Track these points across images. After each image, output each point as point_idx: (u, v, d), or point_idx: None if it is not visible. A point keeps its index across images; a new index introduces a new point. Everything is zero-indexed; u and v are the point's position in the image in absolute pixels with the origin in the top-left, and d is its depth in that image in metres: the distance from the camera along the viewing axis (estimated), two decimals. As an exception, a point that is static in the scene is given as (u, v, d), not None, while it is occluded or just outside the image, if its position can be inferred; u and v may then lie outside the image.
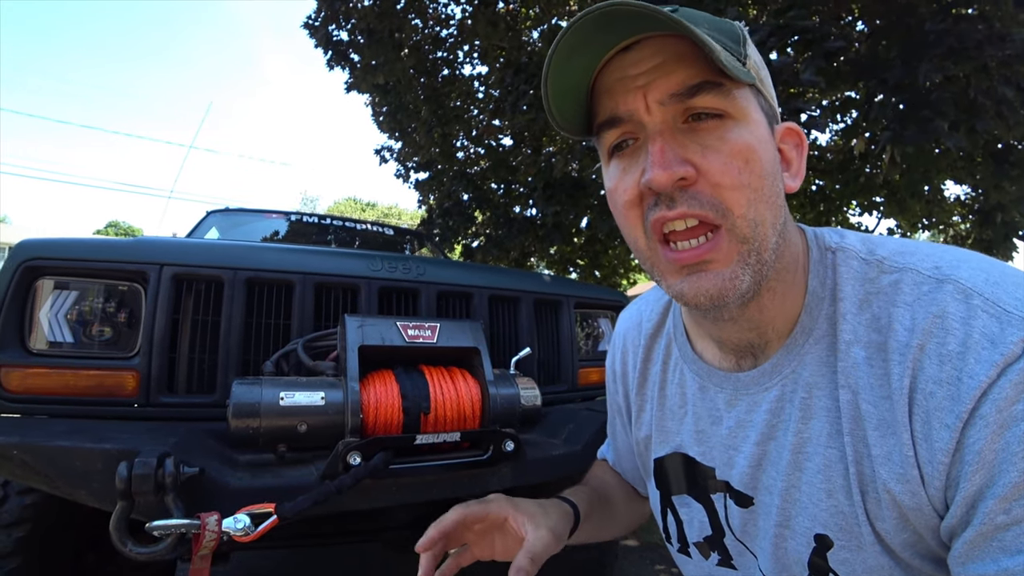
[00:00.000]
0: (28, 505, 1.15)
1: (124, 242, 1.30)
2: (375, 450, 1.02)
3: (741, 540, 0.59)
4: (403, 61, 5.41)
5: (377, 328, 1.15)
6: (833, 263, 0.53)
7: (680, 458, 0.64)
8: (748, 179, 0.46)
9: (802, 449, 0.51)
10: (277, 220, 3.27)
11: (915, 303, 0.45)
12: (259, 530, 0.89)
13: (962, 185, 5.34)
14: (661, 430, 0.67)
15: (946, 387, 0.41)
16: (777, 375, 0.53)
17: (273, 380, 1.08)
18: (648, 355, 0.70)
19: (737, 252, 0.47)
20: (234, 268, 1.29)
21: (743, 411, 0.56)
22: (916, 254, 0.49)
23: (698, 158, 0.46)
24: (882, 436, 0.45)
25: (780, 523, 0.53)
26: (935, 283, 0.45)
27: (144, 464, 0.86)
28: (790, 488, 0.52)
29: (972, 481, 0.39)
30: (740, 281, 0.47)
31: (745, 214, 0.46)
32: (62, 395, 1.15)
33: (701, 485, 0.62)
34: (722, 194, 0.46)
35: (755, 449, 0.55)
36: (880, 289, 0.49)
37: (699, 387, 0.62)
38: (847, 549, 0.48)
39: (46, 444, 0.92)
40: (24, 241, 1.21)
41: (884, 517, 0.46)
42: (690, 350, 0.64)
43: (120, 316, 1.25)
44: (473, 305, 1.51)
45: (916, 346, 0.44)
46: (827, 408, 0.50)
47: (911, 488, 0.43)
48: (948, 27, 2.47)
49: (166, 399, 1.21)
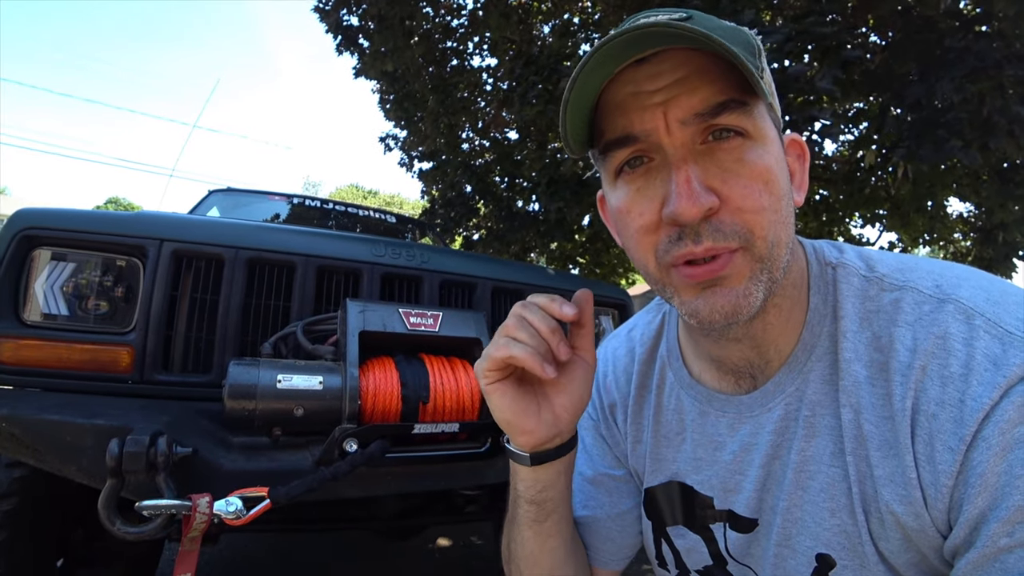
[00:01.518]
0: (16, 479, 1.13)
1: (124, 215, 1.27)
2: (372, 438, 1.00)
3: (743, 563, 0.58)
4: (412, 49, 5.37)
5: (379, 314, 1.13)
6: (834, 279, 0.52)
7: (677, 487, 0.62)
8: (769, 201, 0.45)
9: (805, 468, 0.51)
10: (279, 202, 3.24)
11: (916, 323, 0.45)
12: (251, 514, 0.88)
13: (966, 202, 5.35)
14: (655, 458, 0.65)
15: (949, 409, 0.41)
16: (780, 394, 0.52)
17: (271, 362, 1.06)
18: (643, 381, 0.67)
19: (751, 269, 0.46)
20: (236, 247, 1.27)
21: (747, 434, 0.55)
22: (916, 271, 0.48)
23: (719, 184, 0.44)
24: (884, 457, 0.45)
25: (780, 542, 0.53)
26: (936, 303, 0.45)
27: (136, 442, 0.84)
28: (791, 507, 0.51)
29: (975, 504, 0.39)
30: (754, 298, 0.46)
31: (765, 236, 0.45)
32: (55, 368, 1.13)
33: (699, 515, 0.60)
34: (744, 218, 0.45)
35: (760, 471, 0.54)
36: (881, 308, 0.48)
37: (699, 412, 0.60)
38: (850, 569, 0.48)
39: (35, 417, 0.91)
40: (22, 210, 1.19)
41: (888, 537, 0.46)
42: (687, 374, 0.62)
43: (117, 291, 1.22)
44: (476, 296, 1.49)
45: (918, 367, 0.43)
46: (830, 427, 0.49)
47: (914, 510, 0.43)
48: (968, 44, 2.46)
49: (161, 377, 1.19)
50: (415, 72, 5.73)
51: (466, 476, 1.14)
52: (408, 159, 7.04)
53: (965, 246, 6.24)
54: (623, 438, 0.69)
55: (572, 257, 6.48)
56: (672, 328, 0.66)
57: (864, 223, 5.90)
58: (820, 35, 2.55)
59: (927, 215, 5.18)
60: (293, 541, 2.49)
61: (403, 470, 1.07)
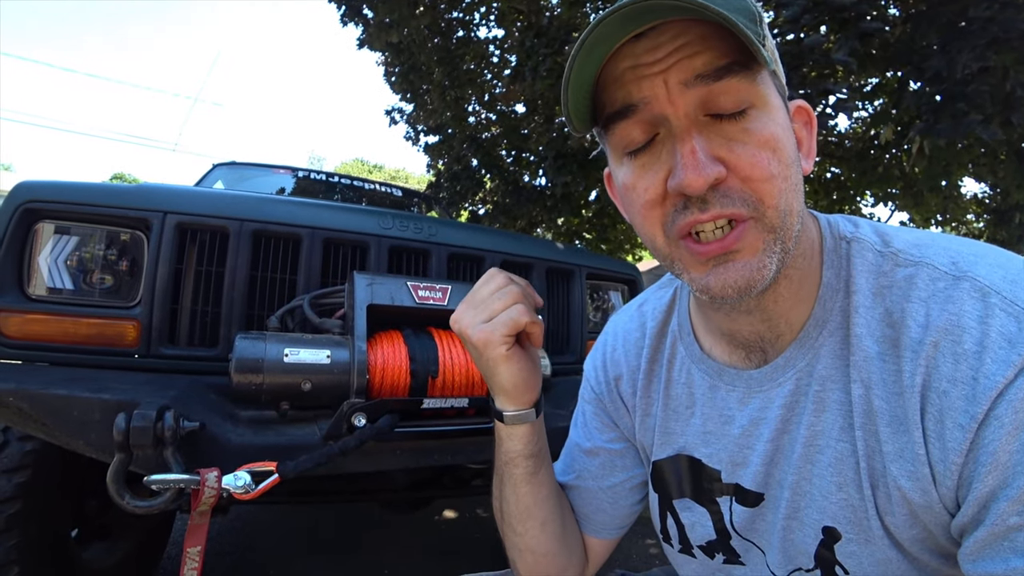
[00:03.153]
0: (29, 451, 1.13)
1: (127, 188, 1.25)
2: (381, 412, 1.00)
3: (748, 538, 0.58)
4: (418, 19, 5.25)
5: (387, 287, 1.12)
6: (848, 253, 0.51)
7: (685, 460, 0.62)
8: (777, 169, 0.44)
9: (814, 442, 0.51)
10: (284, 176, 3.21)
11: (930, 299, 0.44)
12: (259, 488, 0.87)
13: (981, 183, 5.25)
14: (664, 432, 0.65)
15: (961, 386, 0.41)
16: (791, 368, 0.52)
17: (278, 336, 1.05)
18: (654, 355, 0.67)
19: (763, 241, 0.46)
20: (240, 219, 1.25)
21: (756, 408, 0.55)
22: (932, 247, 0.48)
23: (725, 152, 0.44)
24: (894, 433, 0.45)
25: (788, 515, 0.53)
26: (952, 279, 0.44)
27: (143, 416, 0.83)
28: (800, 481, 0.52)
29: (985, 482, 0.39)
30: (767, 270, 0.46)
31: (776, 204, 0.45)
32: (61, 343, 1.12)
33: (706, 488, 0.61)
34: (753, 187, 0.44)
35: (768, 446, 0.54)
36: (894, 283, 0.47)
37: (709, 386, 0.60)
38: (855, 542, 0.48)
39: (43, 391, 0.90)
40: (23, 183, 1.17)
41: (894, 512, 0.46)
42: (698, 348, 0.61)
43: (122, 264, 1.21)
44: (485, 269, 1.47)
45: (930, 343, 0.43)
46: (839, 401, 0.49)
47: (922, 486, 0.43)
48: (994, 14, 2.36)
49: (167, 351, 1.18)
50: (420, 43, 5.61)
51: (474, 451, 1.13)
52: (414, 132, 6.95)
53: (978, 227, 6.16)
54: (629, 411, 0.69)
55: (579, 232, 6.44)
56: (684, 302, 0.65)
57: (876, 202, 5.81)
58: (838, 6, 2.46)
59: (941, 195, 5.09)
60: (299, 512, 2.53)
61: (411, 445, 1.06)
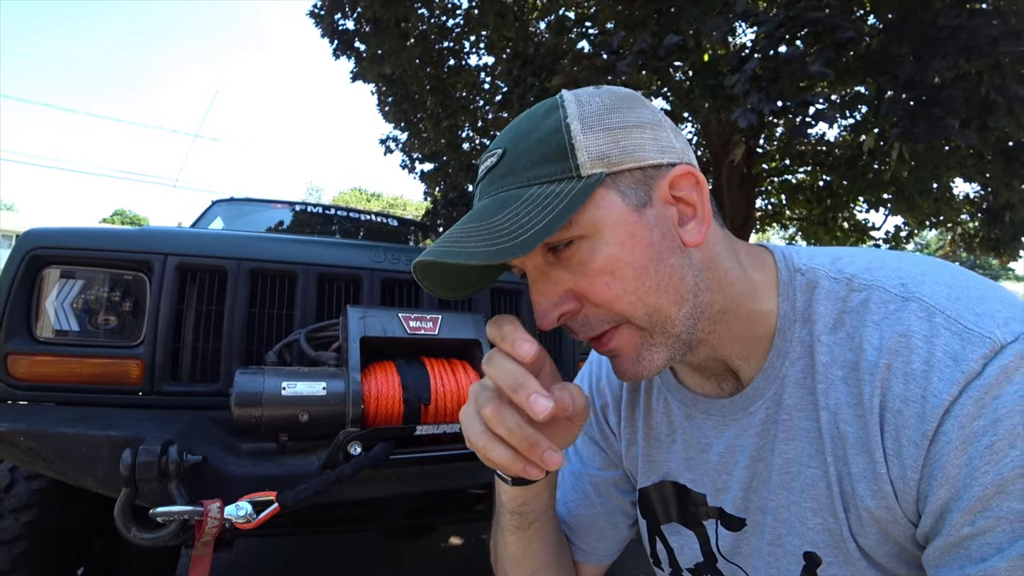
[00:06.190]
0: (35, 490, 1.16)
1: (129, 232, 1.31)
2: (376, 440, 1.03)
3: (733, 562, 0.60)
4: (409, 51, 5.39)
5: (379, 319, 1.16)
6: (804, 285, 0.53)
7: (670, 486, 0.64)
8: (621, 286, 0.47)
9: (787, 469, 0.52)
10: (282, 210, 3.28)
11: (882, 322, 0.46)
12: (260, 518, 0.90)
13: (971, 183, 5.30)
14: (648, 460, 0.66)
15: (912, 405, 0.43)
16: (760, 398, 0.54)
17: (275, 370, 1.08)
18: (634, 385, 0.68)
19: (640, 338, 0.49)
20: (238, 258, 1.30)
21: (731, 436, 0.57)
22: (883, 269, 0.49)
23: (573, 285, 0.48)
24: (858, 454, 0.46)
25: (772, 542, 0.54)
26: (901, 301, 0.46)
27: (148, 451, 0.87)
28: (779, 508, 0.53)
29: (939, 495, 0.41)
30: (650, 362, 0.49)
31: (635, 313, 0.48)
32: (68, 383, 1.17)
33: (692, 512, 0.62)
34: (607, 308, 0.48)
35: (745, 472, 0.55)
36: (851, 308, 0.49)
37: (685, 415, 0.61)
38: (835, 565, 0.49)
39: (52, 431, 0.94)
40: (31, 230, 1.22)
41: (866, 533, 0.47)
42: (672, 378, 0.63)
43: (125, 305, 1.26)
44: (475, 297, 1.52)
45: (884, 365, 0.45)
46: (806, 429, 0.51)
47: (886, 503, 0.45)
48: (963, 22, 2.44)
49: (170, 387, 1.22)
50: (413, 74, 5.75)
51: (469, 475, 1.16)
52: (409, 161, 7.07)
53: (973, 227, 6.18)
54: (616, 440, 0.71)
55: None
56: None
57: (869, 207, 5.85)
58: (812, 19, 2.54)
59: (932, 197, 5.13)
60: (305, 545, 2.53)
61: (407, 471, 1.09)
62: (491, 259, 0.43)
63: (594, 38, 4.27)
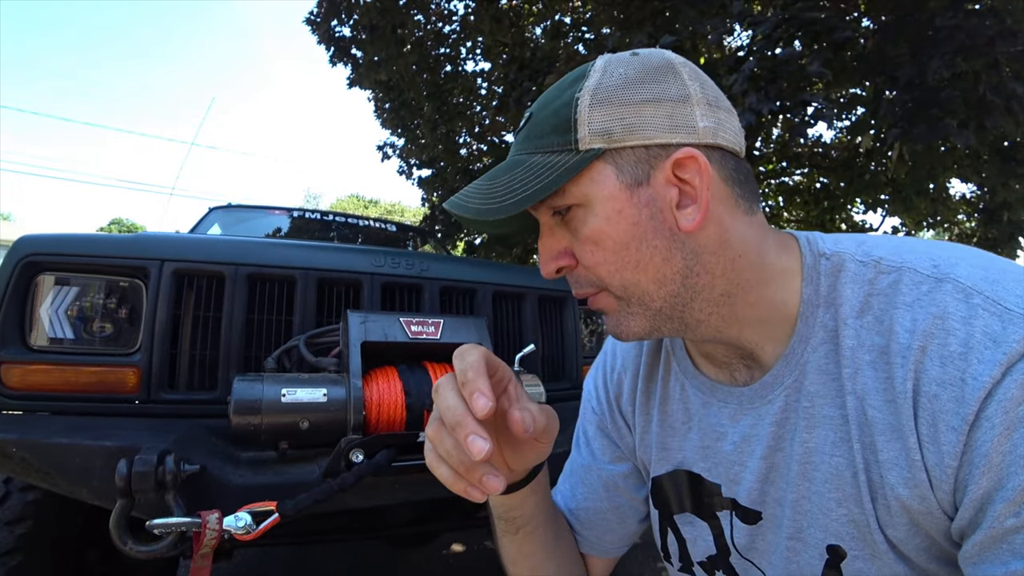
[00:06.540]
0: (30, 502, 1.14)
1: (125, 238, 1.29)
2: (378, 447, 1.01)
3: (747, 558, 0.58)
4: (405, 57, 5.40)
5: (380, 324, 1.14)
6: (829, 269, 0.52)
7: (684, 475, 0.63)
8: (603, 257, 0.50)
9: (809, 459, 0.51)
10: (280, 216, 3.26)
11: (915, 303, 0.45)
12: (260, 528, 0.88)
13: (968, 183, 5.32)
14: (662, 448, 0.65)
15: (950, 388, 0.41)
16: (779, 386, 0.53)
17: (275, 376, 1.06)
18: (650, 372, 0.68)
19: (617, 305, 0.53)
20: (235, 264, 1.28)
21: (748, 425, 0.56)
22: (913, 252, 0.48)
23: (568, 244, 0.53)
24: (888, 441, 0.45)
25: (792, 535, 0.52)
26: (934, 282, 0.45)
27: (144, 462, 0.85)
28: (800, 499, 0.51)
29: (980, 484, 0.39)
30: (627, 327, 0.53)
31: (611, 282, 0.51)
32: (63, 392, 1.14)
33: (707, 503, 0.61)
34: (593, 272, 0.52)
35: (762, 463, 0.54)
36: (880, 290, 0.48)
37: (702, 403, 0.60)
38: (861, 559, 0.48)
39: (46, 441, 0.92)
40: (24, 237, 1.20)
41: (895, 524, 0.45)
42: (690, 365, 0.62)
43: (121, 312, 1.24)
44: (477, 301, 1.50)
45: (917, 348, 0.43)
46: (830, 416, 0.49)
47: (920, 492, 0.43)
48: (959, 22, 2.44)
49: (167, 395, 1.20)
50: (409, 80, 5.76)
51: (473, 481, 1.14)
52: (407, 167, 7.06)
53: (970, 227, 6.20)
54: (631, 429, 0.70)
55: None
56: None
57: (866, 209, 5.87)
58: (809, 20, 2.54)
59: (929, 198, 5.15)
60: (304, 555, 2.50)
61: (409, 479, 1.07)
62: (478, 216, 0.50)
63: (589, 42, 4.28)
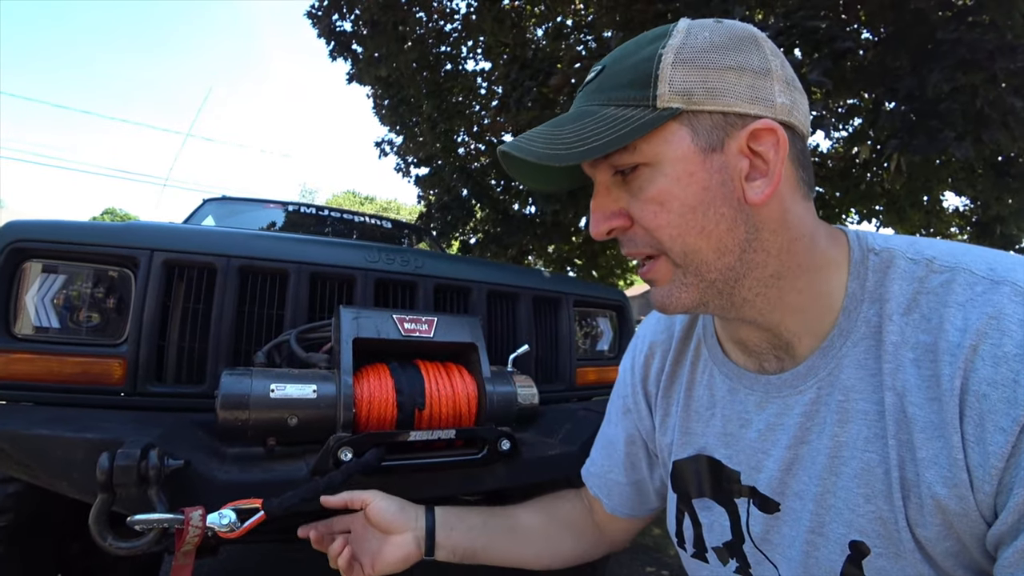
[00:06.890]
0: (10, 494, 1.11)
1: (114, 226, 1.26)
2: (367, 446, 0.99)
3: (760, 549, 0.58)
4: (406, 54, 5.38)
5: (372, 320, 1.12)
6: (877, 264, 0.51)
7: (705, 460, 0.63)
8: (666, 219, 0.50)
9: (838, 453, 0.50)
10: (274, 210, 3.24)
11: (968, 303, 0.44)
12: (245, 526, 0.86)
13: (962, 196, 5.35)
14: (685, 432, 0.66)
15: (1001, 389, 0.40)
16: (812, 377, 0.52)
17: (264, 371, 1.05)
18: (678, 357, 0.69)
19: (672, 273, 0.52)
20: (227, 255, 1.25)
21: (773, 414, 0.55)
22: (968, 254, 0.48)
23: (627, 205, 0.52)
24: (929, 439, 0.44)
25: (812, 529, 0.52)
26: (990, 284, 0.44)
27: (126, 455, 0.82)
28: (824, 493, 0.51)
29: None
30: (677, 299, 0.52)
31: (672, 247, 0.50)
32: (47, 382, 1.12)
33: (725, 489, 0.61)
34: (652, 233, 0.51)
35: (786, 453, 0.54)
36: (930, 289, 0.47)
37: (729, 389, 0.61)
38: (884, 557, 0.47)
39: (26, 432, 0.89)
40: (11, 222, 1.17)
41: (926, 524, 0.44)
42: (720, 352, 0.63)
43: (109, 302, 1.21)
44: (471, 300, 1.49)
45: (969, 347, 0.42)
46: (865, 412, 0.49)
47: (959, 492, 0.42)
48: (960, 36, 2.46)
49: (154, 388, 1.17)
50: (409, 77, 5.74)
51: (463, 483, 1.13)
52: (404, 164, 7.04)
53: (963, 240, 6.25)
54: (652, 412, 0.72)
55: (569, 259, 6.48)
56: None
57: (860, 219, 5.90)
58: (810, 28, 2.55)
59: (923, 210, 5.18)
60: (288, 554, 2.47)
61: (399, 478, 1.05)
62: (541, 160, 0.48)
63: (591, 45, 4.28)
